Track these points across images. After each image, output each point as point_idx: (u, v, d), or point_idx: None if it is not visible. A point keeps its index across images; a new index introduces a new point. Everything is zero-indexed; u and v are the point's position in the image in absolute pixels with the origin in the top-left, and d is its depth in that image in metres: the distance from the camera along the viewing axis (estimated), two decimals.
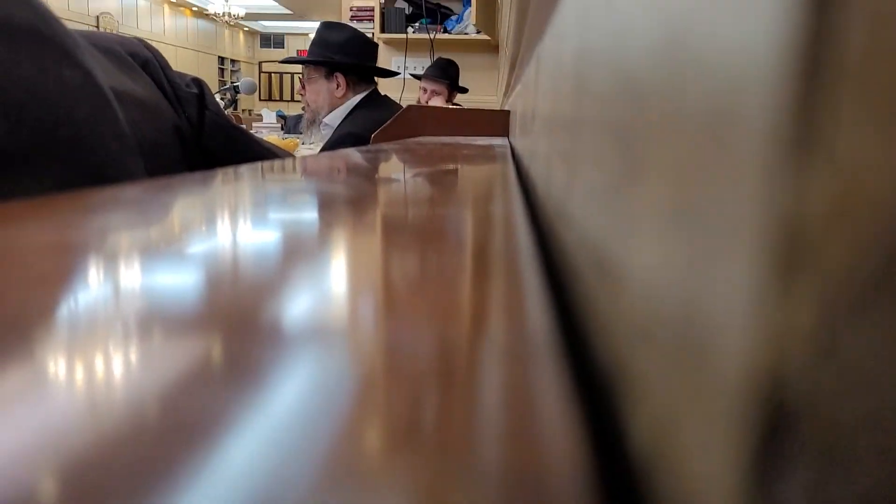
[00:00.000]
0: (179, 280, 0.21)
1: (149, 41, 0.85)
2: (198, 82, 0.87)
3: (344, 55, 2.04)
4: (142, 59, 0.81)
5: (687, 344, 0.11)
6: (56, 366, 0.13)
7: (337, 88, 2.05)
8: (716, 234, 0.10)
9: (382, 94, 2.16)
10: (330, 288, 0.20)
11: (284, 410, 0.11)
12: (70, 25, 0.57)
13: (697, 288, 0.11)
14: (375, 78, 2.15)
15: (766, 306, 0.08)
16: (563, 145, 0.37)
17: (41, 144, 0.45)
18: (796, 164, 0.08)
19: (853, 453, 0.08)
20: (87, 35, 0.80)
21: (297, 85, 2.25)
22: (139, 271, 0.21)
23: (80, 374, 0.12)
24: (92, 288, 0.19)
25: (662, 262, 0.13)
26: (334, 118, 2.05)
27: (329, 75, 2.05)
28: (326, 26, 2.10)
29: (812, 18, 0.08)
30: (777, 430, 0.08)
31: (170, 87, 0.81)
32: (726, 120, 0.10)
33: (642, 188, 0.16)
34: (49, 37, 0.49)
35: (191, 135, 0.82)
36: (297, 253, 0.25)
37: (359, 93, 2.07)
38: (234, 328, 0.15)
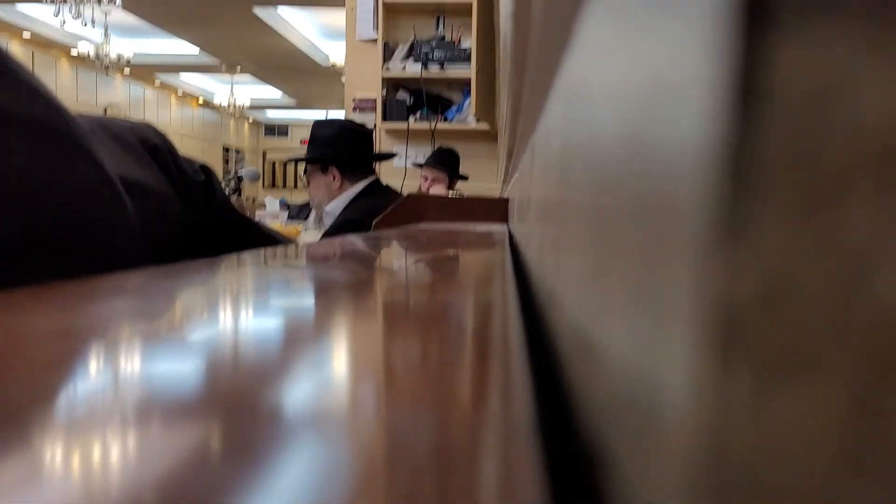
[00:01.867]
0: (178, 366, 0.21)
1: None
2: (206, 170, 0.88)
3: (334, 148, 2.11)
4: (151, 145, 0.81)
5: (649, 416, 0.12)
6: (55, 453, 0.14)
7: (333, 181, 2.11)
8: (666, 315, 0.11)
9: (385, 183, 2.21)
10: (318, 372, 0.21)
11: (280, 488, 0.11)
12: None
13: (654, 365, 0.12)
14: (378, 166, 2.20)
15: (706, 380, 0.09)
16: (551, 232, 0.38)
17: (52, 236, 0.46)
18: (727, 253, 0.09)
19: None
20: (98, 120, 0.81)
21: (301, 172, 2.32)
22: (140, 357, 0.22)
23: (79, 460, 0.13)
24: (93, 373, 0.20)
25: (628, 342, 0.14)
26: (335, 207, 2.10)
27: (324, 169, 2.12)
28: (317, 124, 2.19)
29: (738, 122, 0.09)
30: (718, 496, 0.09)
31: (178, 174, 0.82)
32: (671, 212, 0.11)
33: (612, 272, 0.17)
34: (62, 131, 0.51)
35: (197, 223, 0.83)
36: (289, 337, 0.25)
37: (357, 183, 2.12)
38: (229, 412, 0.16)
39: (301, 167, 2.29)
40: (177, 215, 0.79)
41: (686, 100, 0.11)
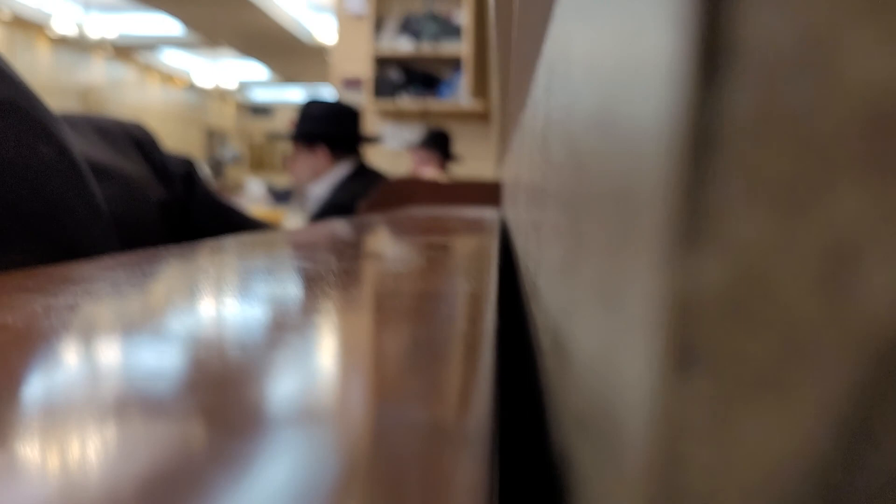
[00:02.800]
0: (131, 362, 0.20)
1: (137, 113, 0.89)
2: (188, 162, 0.91)
3: (323, 127, 2.05)
4: (136, 138, 0.84)
5: (609, 425, 0.11)
6: (19, 453, 0.12)
7: (320, 161, 2.05)
8: (628, 316, 0.10)
9: (372, 166, 2.17)
10: (278, 363, 0.20)
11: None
12: (58, 98, 0.58)
13: (615, 370, 0.10)
14: (364, 149, 2.16)
15: (664, 390, 0.08)
16: (534, 216, 0.37)
17: (13, 218, 0.45)
18: (687, 247, 0.08)
19: None
20: (86, 117, 0.84)
21: (288, 154, 2.26)
22: (93, 352, 0.20)
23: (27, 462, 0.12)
24: (40, 370, 0.19)
25: (593, 343, 0.13)
26: (320, 190, 2.05)
27: (311, 148, 2.06)
28: (308, 102, 2.13)
29: (700, 94, 0.08)
30: None
31: (161, 164, 0.85)
32: (634, 199, 0.10)
33: (583, 263, 0.15)
34: (27, 112, 0.50)
35: (178, 211, 0.85)
36: (249, 328, 0.24)
37: (343, 164, 2.07)
38: (196, 407, 0.15)
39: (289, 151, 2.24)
40: (158, 203, 0.81)
41: (648, 74, 0.09)
